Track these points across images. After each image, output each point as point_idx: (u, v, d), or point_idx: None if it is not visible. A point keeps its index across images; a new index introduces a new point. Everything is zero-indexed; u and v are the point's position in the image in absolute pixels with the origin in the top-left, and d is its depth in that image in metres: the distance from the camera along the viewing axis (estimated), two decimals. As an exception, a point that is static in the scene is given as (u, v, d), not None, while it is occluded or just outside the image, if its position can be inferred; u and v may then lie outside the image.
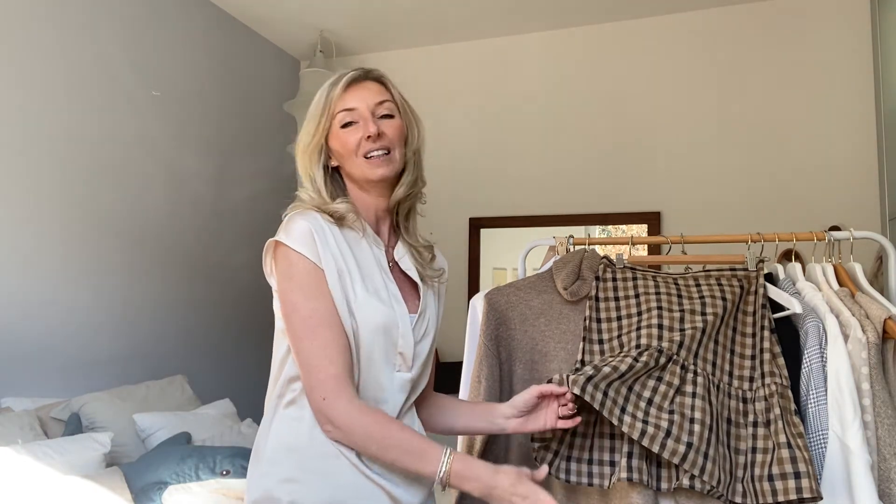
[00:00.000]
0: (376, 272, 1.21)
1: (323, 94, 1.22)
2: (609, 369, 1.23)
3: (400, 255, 1.27)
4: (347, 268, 1.16)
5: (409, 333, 1.19)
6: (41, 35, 2.72)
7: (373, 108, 1.20)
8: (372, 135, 1.18)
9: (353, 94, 1.21)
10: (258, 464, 1.15)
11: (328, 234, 1.17)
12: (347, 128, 1.20)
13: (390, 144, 1.20)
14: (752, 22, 3.58)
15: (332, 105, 1.20)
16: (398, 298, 1.21)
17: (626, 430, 1.19)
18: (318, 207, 1.20)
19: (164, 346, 3.27)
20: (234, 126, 3.82)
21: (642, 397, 1.25)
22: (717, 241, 1.70)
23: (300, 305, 1.12)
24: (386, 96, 1.23)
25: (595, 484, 1.29)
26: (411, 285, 1.27)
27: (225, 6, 3.71)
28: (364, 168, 1.20)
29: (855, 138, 3.35)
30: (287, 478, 1.12)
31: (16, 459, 1.94)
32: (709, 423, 1.22)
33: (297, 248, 1.13)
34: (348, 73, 1.23)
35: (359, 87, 1.22)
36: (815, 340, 1.33)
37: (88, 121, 2.91)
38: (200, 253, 3.55)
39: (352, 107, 1.20)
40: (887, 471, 1.26)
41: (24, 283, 2.62)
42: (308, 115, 1.23)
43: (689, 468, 1.17)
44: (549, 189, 3.89)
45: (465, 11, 3.75)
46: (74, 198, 2.84)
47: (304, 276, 1.13)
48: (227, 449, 2.26)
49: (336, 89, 1.20)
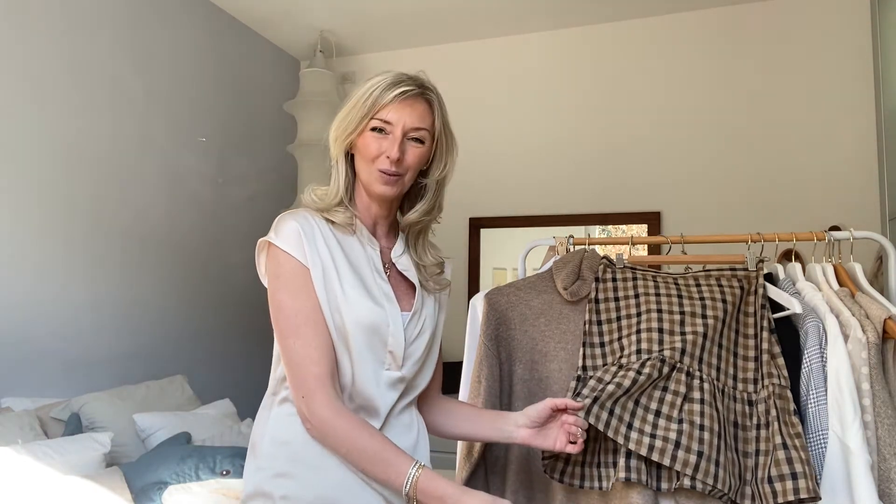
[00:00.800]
0: (367, 271, 1.21)
1: (373, 91, 1.19)
2: (613, 387, 1.23)
3: (398, 256, 1.28)
4: (336, 265, 1.17)
5: (399, 332, 1.20)
6: (41, 35, 2.72)
7: (406, 131, 1.19)
8: (392, 158, 1.17)
9: (397, 109, 1.18)
10: (253, 459, 1.17)
11: (317, 232, 1.18)
12: (375, 133, 1.19)
13: (405, 171, 1.21)
14: (752, 22, 3.58)
15: (376, 109, 1.18)
16: (390, 297, 1.21)
17: (634, 447, 1.19)
18: (319, 210, 1.21)
19: (164, 346, 3.27)
20: (234, 126, 3.82)
21: (650, 409, 1.25)
22: (717, 241, 1.70)
23: (285, 304, 1.14)
24: (425, 123, 1.21)
25: (595, 487, 1.29)
26: (408, 285, 1.27)
27: (225, 6, 3.71)
28: (372, 178, 1.20)
29: (855, 138, 3.35)
30: (280, 473, 1.13)
31: (16, 459, 1.94)
32: (717, 430, 1.22)
33: (284, 247, 1.15)
34: (404, 81, 1.20)
35: (406, 104, 1.19)
36: (815, 340, 1.33)
37: (89, 121, 2.91)
38: (200, 253, 3.55)
39: (390, 120, 1.18)
40: (887, 471, 1.25)
41: (24, 283, 2.62)
42: (350, 102, 1.21)
43: (703, 477, 1.17)
44: (549, 189, 3.89)
45: (465, 11, 3.75)
46: (74, 197, 2.84)
47: (290, 276, 1.15)
48: (227, 449, 2.26)
49: (387, 96, 1.18)
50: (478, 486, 1.45)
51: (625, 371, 1.28)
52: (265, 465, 1.14)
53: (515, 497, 1.42)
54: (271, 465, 1.14)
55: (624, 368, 1.29)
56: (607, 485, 1.27)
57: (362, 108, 1.19)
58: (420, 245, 1.31)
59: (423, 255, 1.30)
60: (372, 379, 1.18)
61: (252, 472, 1.16)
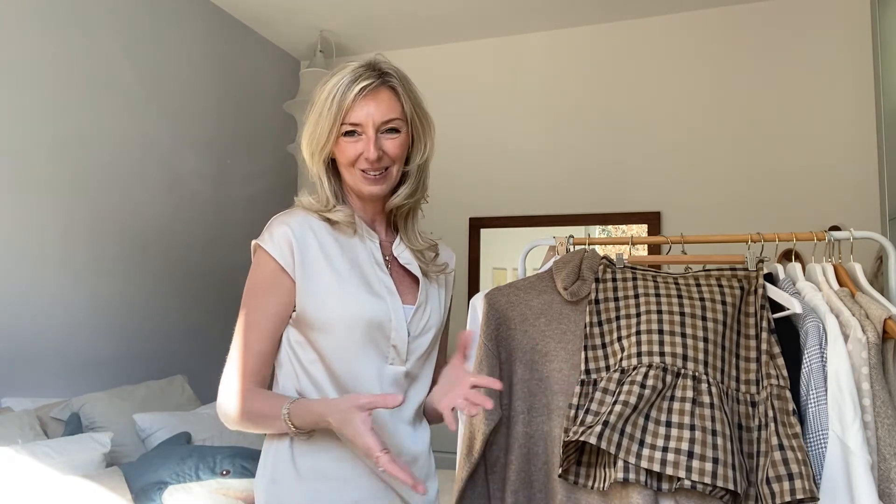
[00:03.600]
0: (368, 266, 1.21)
1: (334, 96, 1.16)
2: (621, 406, 1.23)
3: (400, 250, 1.27)
4: (333, 264, 1.17)
5: (402, 325, 1.19)
6: (40, 35, 2.72)
7: (378, 126, 1.16)
8: (371, 159, 1.15)
9: (363, 106, 1.15)
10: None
11: (309, 234, 1.17)
12: (349, 137, 1.17)
13: (389, 163, 1.19)
14: (752, 22, 3.58)
15: (343, 113, 1.15)
16: (391, 290, 1.20)
17: (647, 465, 1.19)
18: (318, 212, 1.21)
19: (164, 346, 3.27)
20: (234, 126, 3.82)
21: (661, 422, 1.24)
22: (717, 241, 1.70)
23: (244, 303, 1.19)
24: (394, 112, 1.18)
25: (596, 487, 1.29)
26: (412, 279, 1.26)
27: (225, 6, 3.71)
28: (358, 182, 1.19)
29: (855, 138, 3.35)
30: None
31: (16, 459, 1.94)
32: (728, 434, 1.22)
33: (267, 248, 1.16)
34: (362, 75, 1.17)
35: (370, 98, 1.16)
36: (815, 340, 1.33)
37: (88, 121, 2.91)
38: (200, 252, 3.55)
39: (358, 122, 1.16)
40: (887, 471, 1.25)
41: (24, 282, 2.62)
42: (315, 110, 1.18)
43: (723, 483, 1.16)
44: (549, 189, 3.89)
45: (465, 11, 3.75)
46: (74, 198, 2.84)
47: (258, 277, 1.18)
48: (227, 449, 2.26)
49: (349, 97, 1.15)
50: (478, 485, 1.45)
51: (629, 385, 1.27)
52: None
53: (515, 497, 1.42)
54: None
55: (627, 381, 1.29)
56: (605, 486, 1.27)
57: (328, 116, 1.16)
58: (410, 229, 1.29)
59: (415, 240, 1.28)
60: (375, 377, 1.17)
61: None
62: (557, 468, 1.33)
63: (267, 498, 1.16)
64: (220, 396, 1.16)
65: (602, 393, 1.30)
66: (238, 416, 1.14)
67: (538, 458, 1.42)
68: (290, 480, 1.15)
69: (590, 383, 1.37)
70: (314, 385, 1.17)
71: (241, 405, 1.13)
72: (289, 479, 1.15)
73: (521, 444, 1.46)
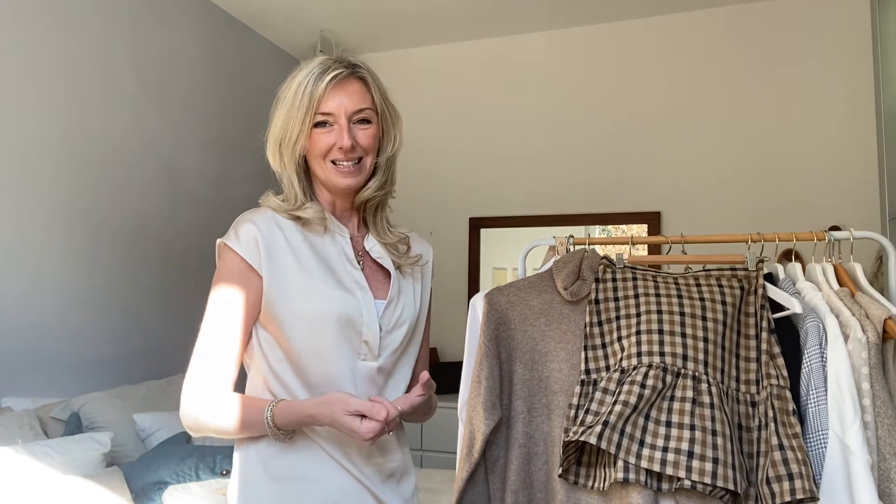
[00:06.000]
0: (338, 262, 1.20)
1: (305, 87, 1.15)
2: (621, 407, 1.23)
3: (371, 245, 1.26)
4: (301, 262, 1.16)
5: (374, 320, 1.18)
6: (40, 34, 2.72)
7: (350, 115, 1.16)
8: (345, 147, 1.15)
9: (334, 96, 1.15)
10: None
11: (276, 230, 1.17)
12: (321, 128, 1.16)
13: (362, 154, 1.18)
14: (752, 22, 3.58)
15: (314, 104, 1.15)
16: (362, 285, 1.19)
17: (647, 465, 1.19)
18: (287, 212, 1.20)
19: (164, 345, 3.27)
20: (233, 125, 3.82)
21: (661, 422, 1.24)
22: (717, 241, 1.70)
23: (211, 302, 1.16)
24: (366, 103, 1.18)
25: (596, 487, 1.29)
26: (384, 274, 1.25)
27: (225, 6, 3.71)
28: (331, 175, 1.19)
29: (855, 138, 3.35)
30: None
31: (16, 459, 1.94)
32: (728, 434, 1.22)
33: (234, 246, 1.16)
34: (331, 66, 1.17)
35: (341, 88, 1.16)
36: (815, 340, 1.33)
37: (88, 121, 2.91)
38: (200, 252, 3.54)
39: (330, 111, 1.15)
40: (887, 471, 1.26)
41: (25, 283, 2.62)
42: (285, 105, 1.18)
43: (723, 483, 1.16)
44: (549, 189, 3.89)
45: (465, 11, 3.75)
46: (74, 197, 2.84)
47: (226, 275, 1.16)
48: (226, 448, 2.26)
49: (320, 87, 1.15)
50: (478, 485, 1.45)
51: (629, 385, 1.27)
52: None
53: (515, 497, 1.41)
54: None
55: (627, 381, 1.29)
56: (604, 486, 1.27)
57: (300, 108, 1.15)
58: (379, 223, 1.28)
59: (384, 234, 1.27)
60: (348, 373, 1.16)
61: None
62: (557, 468, 1.33)
63: (239, 501, 1.15)
64: (186, 402, 1.12)
65: (602, 393, 1.30)
66: (205, 424, 1.12)
67: (538, 457, 1.42)
68: (262, 482, 1.14)
69: (590, 383, 1.37)
70: (282, 385, 1.16)
71: (210, 412, 1.11)
72: (261, 480, 1.14)
73: (521, 444, 1.46)
